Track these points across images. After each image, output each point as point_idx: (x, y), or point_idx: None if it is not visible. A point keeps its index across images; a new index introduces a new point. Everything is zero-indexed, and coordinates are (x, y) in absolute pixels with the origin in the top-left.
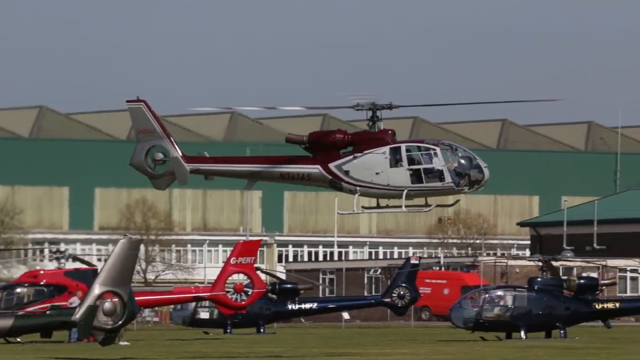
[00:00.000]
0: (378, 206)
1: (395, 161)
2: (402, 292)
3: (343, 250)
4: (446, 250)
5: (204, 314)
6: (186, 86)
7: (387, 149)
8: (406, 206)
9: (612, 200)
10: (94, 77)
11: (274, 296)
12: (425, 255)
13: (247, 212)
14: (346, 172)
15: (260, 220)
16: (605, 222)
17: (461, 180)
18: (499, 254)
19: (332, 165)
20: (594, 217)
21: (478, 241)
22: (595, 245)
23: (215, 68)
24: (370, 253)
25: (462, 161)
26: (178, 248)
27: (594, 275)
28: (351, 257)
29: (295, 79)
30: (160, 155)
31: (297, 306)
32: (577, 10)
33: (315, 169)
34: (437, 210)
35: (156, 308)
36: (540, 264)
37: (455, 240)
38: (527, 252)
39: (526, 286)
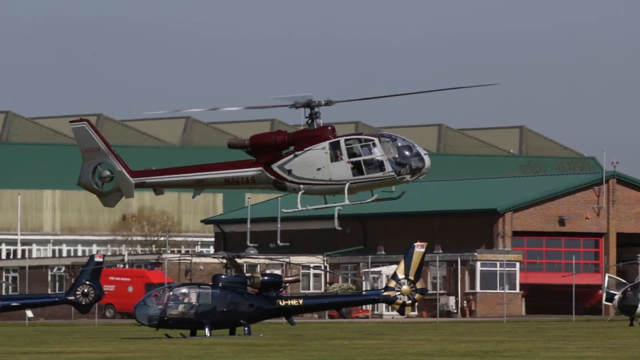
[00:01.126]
0: (325, 203)
1: (335, 155)
2: (86, 290)
3: (26, 248)
4: (130, 248)
5: None
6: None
7: (326, 144)
8: (350, 200)
9: (295, 197)
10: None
11: None
12: (110, 253)
13: None
14: (289, 171)
15: None
16: (289, 219)
17: (402, 169)
18: (183, 251)
19: (274, 166)
20: (277, 214)
21: (162, 238)
22: (279, 242)
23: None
24: (54, 251)
25: (402, 150)
26: None
27: (278, 272)
28: (35, 255)
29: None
30: (107, 172)
31: None
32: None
33: (258, 171)
34: (122, 207)
35: None
36: (224, 261)
37: (139, 238)
38: (212, 249)
39: (210, 283)
